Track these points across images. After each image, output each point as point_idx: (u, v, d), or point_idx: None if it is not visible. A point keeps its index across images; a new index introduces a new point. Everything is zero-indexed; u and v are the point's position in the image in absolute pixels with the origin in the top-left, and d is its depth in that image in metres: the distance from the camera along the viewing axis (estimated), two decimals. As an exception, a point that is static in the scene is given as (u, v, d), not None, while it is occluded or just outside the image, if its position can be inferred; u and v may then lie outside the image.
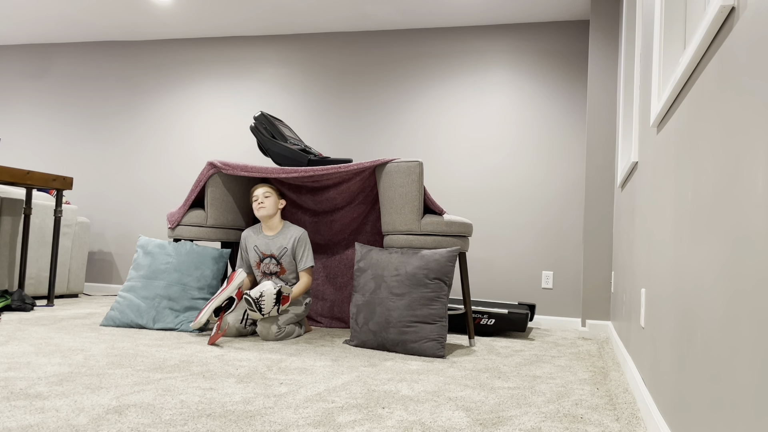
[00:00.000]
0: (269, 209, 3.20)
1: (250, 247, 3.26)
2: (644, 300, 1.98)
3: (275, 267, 3.22)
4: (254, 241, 3.26)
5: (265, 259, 3.22)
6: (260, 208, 3.19)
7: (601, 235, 3.89)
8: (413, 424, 1.63)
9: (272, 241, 3.22)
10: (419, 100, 4.75)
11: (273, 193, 3.23)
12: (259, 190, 3.23)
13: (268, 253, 3.21)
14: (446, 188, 4.63)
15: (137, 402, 1.74)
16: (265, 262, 3.22)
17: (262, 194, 3.20)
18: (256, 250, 3.24)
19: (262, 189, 3.22)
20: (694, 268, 1.20)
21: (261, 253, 3.22)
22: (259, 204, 3.19)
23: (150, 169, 5.28)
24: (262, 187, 3.24)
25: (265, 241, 3.23)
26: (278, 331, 2.99)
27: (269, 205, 3.20)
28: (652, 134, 1.93)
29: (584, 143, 4.42)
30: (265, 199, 3.20)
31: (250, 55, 5.14)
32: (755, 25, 0.86)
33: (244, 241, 3.29)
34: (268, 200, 3.20)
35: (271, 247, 3.21)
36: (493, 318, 3.56)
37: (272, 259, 3.21)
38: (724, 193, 1.00)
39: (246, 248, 3.29)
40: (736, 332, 0.90)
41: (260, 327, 2.99)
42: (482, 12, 4.43)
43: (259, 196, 3.20)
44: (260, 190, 3.22)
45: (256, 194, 3.21)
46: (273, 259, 3.21)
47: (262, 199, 3.19)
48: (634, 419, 1.76)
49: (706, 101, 1.16)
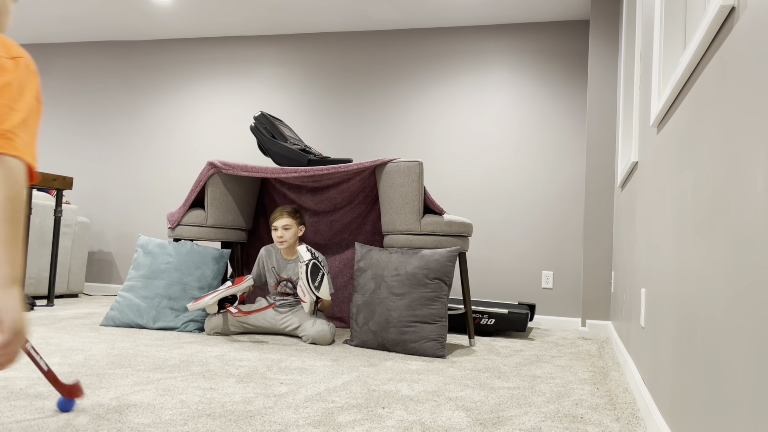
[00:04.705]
0: (289, 241, 3.11)
1: (268, 268, 3.22)
2: (644, 300, 1.98)
3: (291, 290, 3.17)
4: (272, 263, 3.21)
5: (282, 282, 3.18)
6: (281, 241, 3.10)
7: (601, 235, 3.89)
8: (413, 424, 1.63)
9: (291, 266, 3.17)
10: (419, 100, 4.75)
11: (293, 224, 3.11)
12: (279, 221, 3.10)
13: (286, 277, 3.17)
14: (446, 188, 4.63)
15: (137, 402, 1.74)
16: (282, 284, 3.18)
17: (282, 227, 3.09)
18: (273, 272, 3.20)
19: (282, 221, 3.09)
20: (694, 267, 1.20)
21: (278, 275, 3.19)
22: (279, 237, 3.10)
23: (150, 169, 5.28)
24: (283, 218, 3.10)
25: (283, 264, 3.18)
26: (330, 329, 2.94)
27: (289, 237, 3.10)
28: (652, 134, 1.93)
29: (584, 143, 4.42)
30: (285, 231, 3.09)
31: (250, 55, 5.14)
32: (755, 25, 0.86)
33: (261, 260, 3.24)
34: (288, 233, 3.10)
35: (289, 272, 3.17)
36: (493, 318, 3.56)
37: (289, 282, 3.17)
38: (724, 192, 1.00)
39: (264, 267, 3.24)
40: (736, 332, 0.90)
41: (314, 329, 2.91)
42: (482, 12, 4.43)
43: (278, 228, 3.10)
44: (280, 222, 3.09)
45: (276, 225, 3.10)
46: (290, 283, 3.17)
47: (282, 232, 3.09)
48: (634, 419, 1.76)
49: (706, 101, 1.16)
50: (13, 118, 1.00)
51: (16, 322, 0.93)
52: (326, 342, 2.92)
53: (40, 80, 1.10)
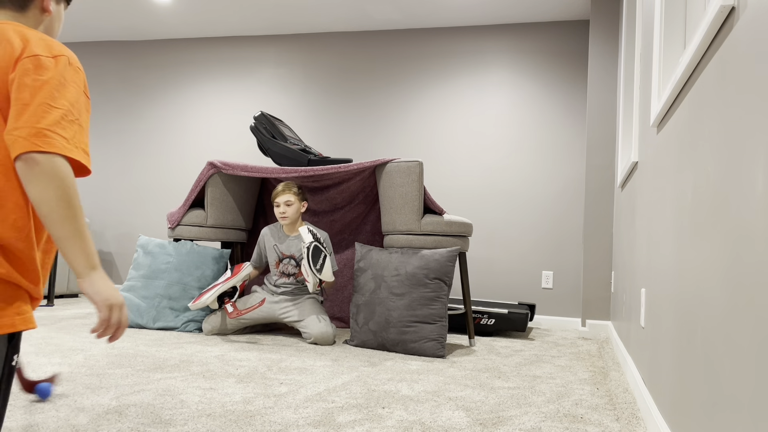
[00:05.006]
0: (291, 217, 3.10)
1: (269, 246, 3.18)
2: (644, 300, 1.98)
3: (294, 268, 3.14)
4: (274, 241, 3.18)
5: (284, 259, 3.15)
6: (283, 217, 3.09)
7: (601, 235, 3.89)
8: (413, 424, 1.63)
9: (293, 243, 3.15)
10: (419, 100, 4.75)
11: (295, 200, 3.10)
12: (280, 197, 3.08)
13: (288, 254, 3.14)
14: (446, 188, 4.63)
15: (137, 402, 1.74)
16: (284, 262, 3.15)
17: (284, 202, 3.07)
18: (275, 249, 3.16)
19: (284, 197, 3.08)
20: (694, 267, 1.20)
21: (281, 253, 3.16)
22: (281, 213, 3.08)
23: (150, 169, 5.28)
24: (284, 194, 3.08)
25: (286, 241, 3.16)
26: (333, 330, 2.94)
27: (291, 213, 3.09)
28: (652, 134, 1.93)
29: (584, 143, 4.42)
30: (287, 207, 3.08)
31: (250, 55, 5.14)
32: (755, 25, 0.86)
33: (263, 239, 3.22)
34: (290, 208, 3.08)
35: (291, 248, 3.14)
36: (493, 318, 3.56)
37: (291, 260, 3.15)
38: (724, 192, 1.00)
39: (265, 246, 3.21)
40: (736, 332, 0.90)
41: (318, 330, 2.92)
42: (482, 12, 4.43)
43: (280, 203, 3.08)
44: (282, 198, 3.08)
45: (278, 201, 3.08)
46: (293, 260, 3.14)
47: (284, 207, 3.08)
48: (634, 419, 1.76)
49: (706, 101, 1.16)
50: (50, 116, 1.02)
51: (107, 300, 1.00)
52: (328, 343, 2.92)
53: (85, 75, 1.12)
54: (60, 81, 1.05)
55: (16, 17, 1.14)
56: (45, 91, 1.02)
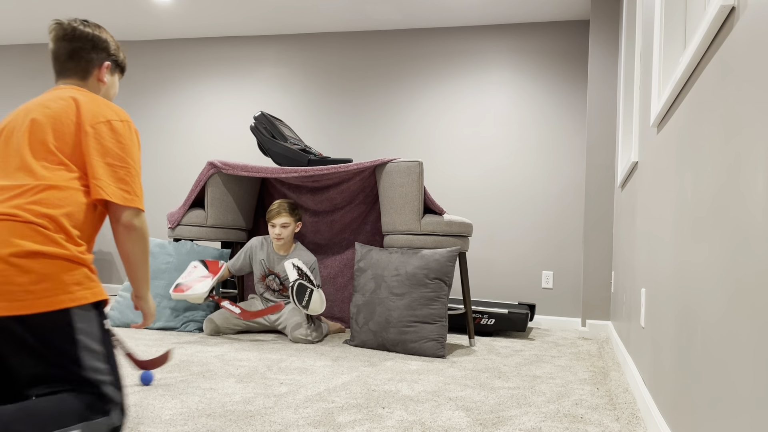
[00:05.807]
0: (286, 239, 3.11)
1: (257, 260, 3.20)
2: (644, 300, 1.98)
3: (278, 286, 3.19)
4: (262, 255, 3.19)
5: (270, 275, 3.18)
6: (278, 238, 3.09)
7: (601, 235, 3.89)
8: (413, 424, 1.63)
9: (280, 262, 3.16)
10: (419, 100, 4.75)
11: (291, 222, 3.10)
12: (276, 219, 3.08)
13: (274, 271, 3.18)
14: (446, 188, 4.63)
15: (137, 402, 1.74)
16: (270, 278, 3.18)
17: (280, 225, 3.08)
18: (262, 264, 3.19)
19: (281, 219, 3.08)
20: (695, 267, 1.20)
21: (266, 269, 3.19)
22: (277, 235, 3.08)
23: (150, 169, 5.28)
24: (281, 216, 3.08)
25: (274, 258, 3.18)
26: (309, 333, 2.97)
27: (287, 235, 3.10)
28: (652, 134, 1.93)
29: (584, 143, 4.42)
30: (283, 229, 3.08)
31: (250, 55, 5.14)
32: (755, 25, 0.86)
33: (251, 250, 3.22)
34: (286, 230, 3.09)
35: (277, 267, 3.17)
36: (493, 318, 3.56)
37: (277, 277, 3.18)
38: (724, 192, 1.00)
39: (252, 257, 3.22)
40: (736, 332, 0.90)
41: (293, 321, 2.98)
42: (482, 12, 4.43)
43: (276, 225, 3.08)
44: (278, 220, 3.08)
45: (274, 222, 3.09)
46: (278, 278, 3.18)
47: (280, 230, 3.08)
48: (634, 419, 1.76)
49: (706, 101, 1.16)
50: (135, 178, 1.35)
51: (154, 313, 1.53)
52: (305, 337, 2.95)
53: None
54: (132, 145, 1.37)
55: (80, 85, 1.47)
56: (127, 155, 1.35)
